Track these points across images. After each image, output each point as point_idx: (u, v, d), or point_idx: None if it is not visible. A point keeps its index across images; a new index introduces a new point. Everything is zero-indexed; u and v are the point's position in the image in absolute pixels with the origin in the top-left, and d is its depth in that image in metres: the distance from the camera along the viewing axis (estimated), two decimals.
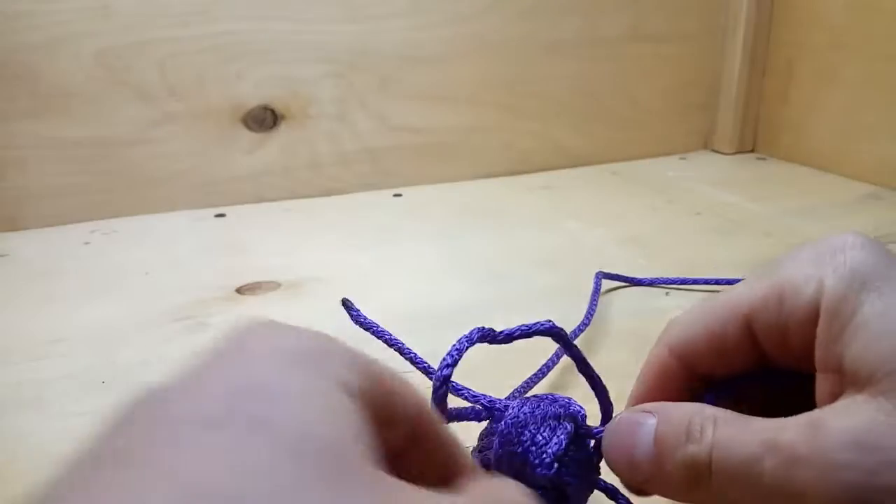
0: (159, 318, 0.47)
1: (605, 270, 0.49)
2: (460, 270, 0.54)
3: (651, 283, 0.50)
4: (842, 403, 0.20)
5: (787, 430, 0.19)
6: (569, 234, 0.61)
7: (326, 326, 0.18)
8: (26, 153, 0.61)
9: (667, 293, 0.49)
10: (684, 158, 0.83)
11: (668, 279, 0.50)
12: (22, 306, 0.49)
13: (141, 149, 0.65)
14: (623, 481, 0.23)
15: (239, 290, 0.50)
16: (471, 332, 0.23)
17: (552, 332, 0.24)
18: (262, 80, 0.67)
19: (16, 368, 0.41)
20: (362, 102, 0.70)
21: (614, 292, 0.49)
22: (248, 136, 0.67)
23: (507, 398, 0.26)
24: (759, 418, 0.20)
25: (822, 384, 0.21)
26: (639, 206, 0.68)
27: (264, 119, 0.68)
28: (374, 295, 0.49)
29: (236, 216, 0.66)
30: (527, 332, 0.23)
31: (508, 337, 0.23)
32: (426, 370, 0.27)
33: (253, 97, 0.67)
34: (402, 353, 0.28)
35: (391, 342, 0.29)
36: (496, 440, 0.23)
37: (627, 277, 0.50)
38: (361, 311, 0.30)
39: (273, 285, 0.51)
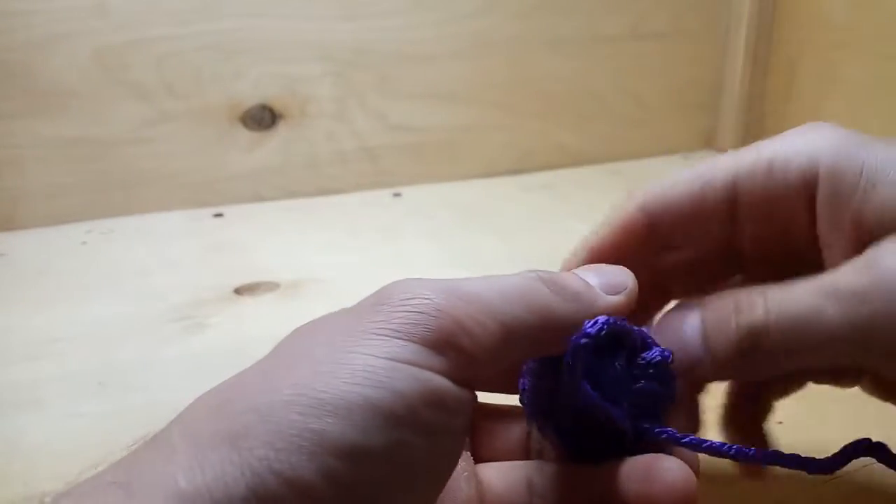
0: (157, 318, 0.46)
1: None
2: (460, 270, 0.53)
3: None
4: (883, 245, 0.20)
5: (844, 275, 0.20)
6: (569, 233, 0.60)
7: None
8: (22, 152, 0.61)
9: None
10: (686, 157, 0.83)
11: None
12: (18, 306, 0.49)
13: (138, 148, 0.64)
14: (680, 374, 0.23)
15: (237, 291, 0.50)
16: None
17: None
18: (260, 78, 0.66)
19: (12, 369, 0.41)
20: (361, 101, 0.70)
21: None
22: (246, 136, 0.67)
23: None
24: (801, 279, 0.21)
25: (832, 250, 0.22)
26: None
27: (262, 118, 0.67)
28: None
29: (234, 216, 0.66)
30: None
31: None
32: None
33: (251, 96, 0.66)
34: None
35: None
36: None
37: None
38: None
39: (272, 285, 0.51)
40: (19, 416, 0.37)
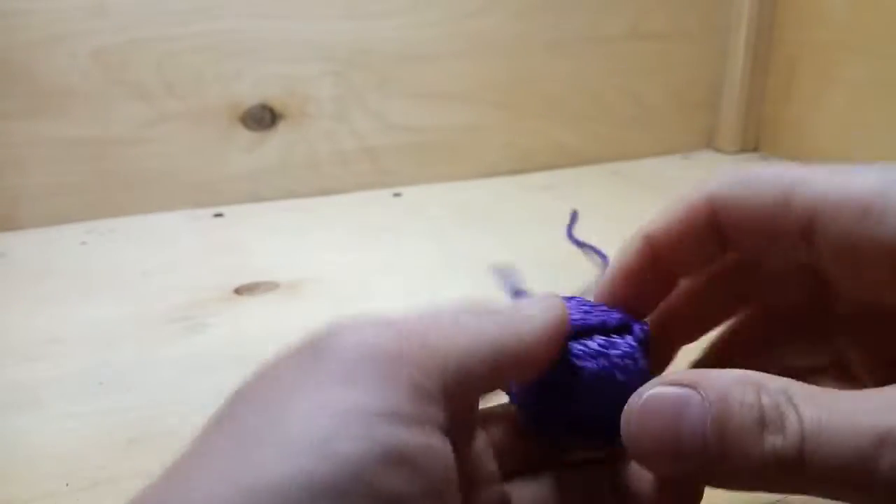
0: (157, 318, 0.46)
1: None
2: (460, 270, 0.53)
3: None
4: None
5: None
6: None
7: None
8: (22, 152, 0.61)
9: None
10: (687, 157, 0.83)
11: None
12: (18, 306, 0.49)
13: (138, 148, 0.64)
14: (655, 472, 0.19)
15: (237, 291, 0.50)
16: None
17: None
18: (260, 78, 0.66)
19: (12, 369, 0.41)
20: (361, 101, 0.70)
21: None
22: (246, 136, 0.67)
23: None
24: (847, 393, 0.17)
25: (849, 282, 0.19)
26: (641, 205, 0.67)
27: (262, 118, 0.67)
28: (374, 295, 0.49)
29: (235, 216, 0.66)
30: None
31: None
32: None
33: (251, 96, 0.66)
34: None
35: None
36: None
37: None
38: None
39: (271, 285, 0.51)
40: (19, 416, 0.37)
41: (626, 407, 0.18)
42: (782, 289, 0.22)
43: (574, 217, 0.59)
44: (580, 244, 0.55)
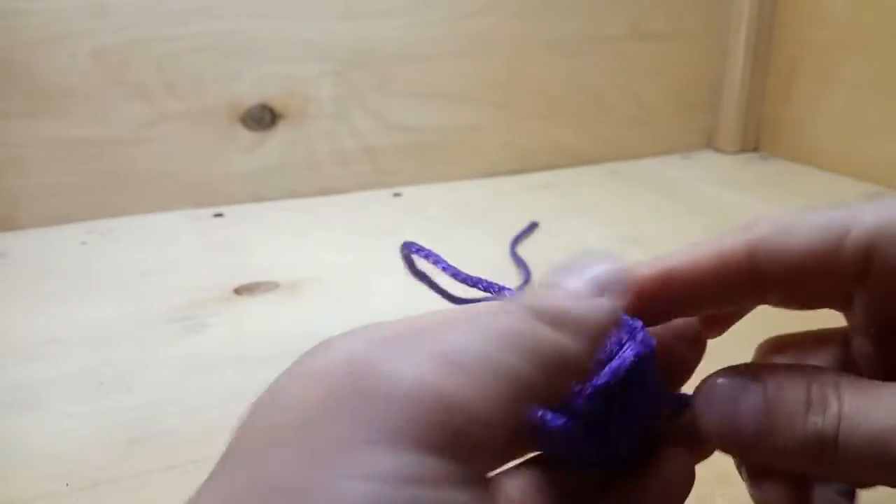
0: (157, 318, 0.46)
1: None
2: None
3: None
4: None
5: None
6: (570, 233, 0.61)
7: (325, 326, 0.17)
8: (23, 152, 0.61)
9: None
10: (686, 157, 0.83)
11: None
12: (19, 306, 0.49)
13: (138, 148, 0.64)
14: (719, 447, 0.20)
15: (237, 291, 0.50)
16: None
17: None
18: (260, 78, 0.66)
19: (13, 369, 0.41)
20: (361, 101, 0.70)
21: None
22: (246, 136, 0.67)
23: None
24: (891, 384, 0.18)
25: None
26: (640, 205, 0.67)
27: (262, 118, 0.67)
28: (374, 295, 0.49)
29: (234, 216, 0.66)
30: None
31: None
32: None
33: (251, 96, 0.66)
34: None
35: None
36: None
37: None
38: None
39: (271, 285, 0.51)
40: (20, 416, 0.37)
41: (695, 390, 0.20)
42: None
43: (530, 228, 0.59)
44: (519, 261, 0.55)
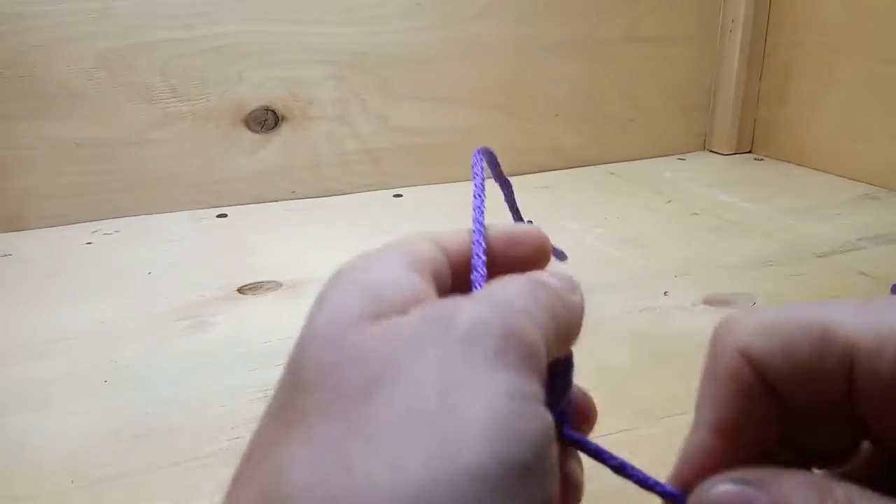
0: (161, 317, 0.47)
1: (605, 269, 0.49)
2: None
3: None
4: None
5: None
6: (568, 234, 0.61)
7: None
8: (29, 153, 0.62)
9: (665, 292, 0.49)
10: (682, 159, 0.84)
11: None
12: (24, 306, 0.50)
13: (143, 149, 0.65)
14: None
15: (240, 290, 0.51)
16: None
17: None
18: (263, 81, 0.67)
19: (19, 367, 0.42)
20: (363, 104, 0.71)
21: (610, 291, 0.50)
22: (249, 137, 0.68)
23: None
24: None
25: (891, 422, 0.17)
26: (637, 206, 0.68)
27: (265, 120, 0.68)
28: None
29: (238, 216, 0.66)
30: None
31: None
32: None
33: (254, 98, 0.67)
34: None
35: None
36: None
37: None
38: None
39: (274, 285, 0.52)
40: (26, 414, 0.37)
41: (692, 497, 0.18)
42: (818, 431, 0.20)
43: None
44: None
